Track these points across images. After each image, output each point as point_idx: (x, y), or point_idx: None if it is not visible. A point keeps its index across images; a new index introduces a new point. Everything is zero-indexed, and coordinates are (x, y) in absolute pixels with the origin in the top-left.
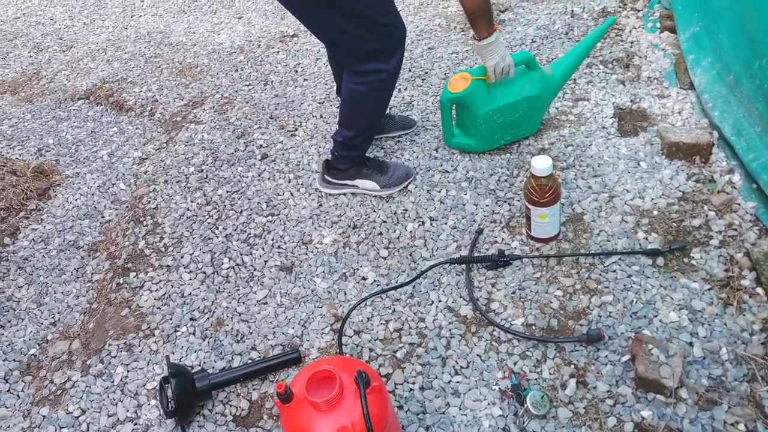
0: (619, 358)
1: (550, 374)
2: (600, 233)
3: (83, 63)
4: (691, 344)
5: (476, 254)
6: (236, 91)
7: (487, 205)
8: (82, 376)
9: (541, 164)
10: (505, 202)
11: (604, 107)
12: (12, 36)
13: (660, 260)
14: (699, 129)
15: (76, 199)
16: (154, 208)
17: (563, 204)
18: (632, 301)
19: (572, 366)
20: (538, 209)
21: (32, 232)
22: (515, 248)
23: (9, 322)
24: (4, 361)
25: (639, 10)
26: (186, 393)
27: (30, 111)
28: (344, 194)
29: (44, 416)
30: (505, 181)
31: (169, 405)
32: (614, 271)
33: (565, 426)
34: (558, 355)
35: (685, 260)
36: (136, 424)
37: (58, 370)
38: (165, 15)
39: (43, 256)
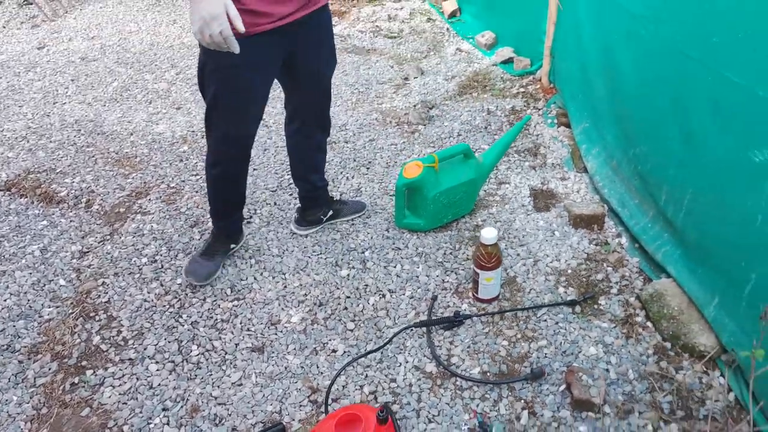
0: (558, 388)
1: (506, 410)
2: (530, 291)
3: None
4: (607, 370)
5: (434, 317)
6: (183, 181)
7: (437, 276)
8: None
9: (489, 234)
10: (452, 272)
11: (522, 189)
12: None
13: (577, 308)
14: (594, 203)
15: (5, 300)
16: (106, 302)
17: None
18: (561, 342)
19: (522, 401)
20: (485, 273)
21: None
22: (465, 309)
23: None
24: None
25: (540, 109)
26: None
27: None
28: (308, 271)
29: None
30: (450, 254)
31: None
32: (545, 320)
33: None
34: (510, 393)
35: (595, 306)
36: None
37: None
38: (94, 103)
39: None
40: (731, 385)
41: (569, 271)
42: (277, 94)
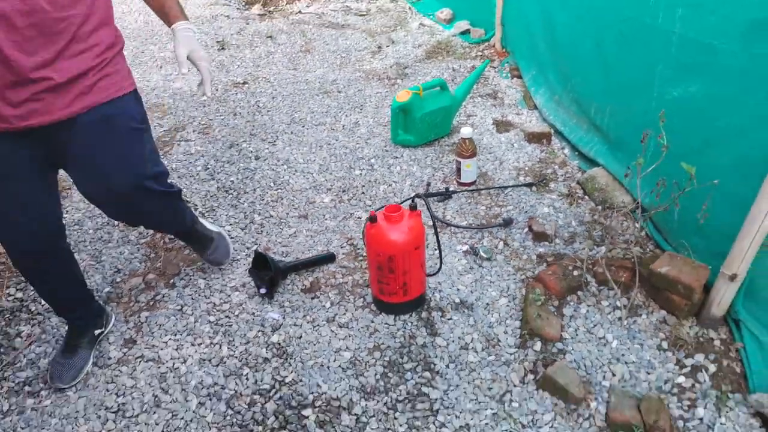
0: (523, 230)
1: (488, 243)
2: (498, 180)
3: None
4: (557, 221)
5: (431, 192)
6: (211, 119)
7: (428, 172)
8: (169, 290)
9: (467, 130)
10: (439, 170)
11: (486, 119)
12: None
13: (534, 188)
14: (543, 126)
15: None
16: None
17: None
18: (523, 206)
19: (498, 238)
20: (465, 160)
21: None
22: (452, 185)
23: None
24: None
25: (495, 68)
26: (276, 272)
27: None
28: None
29: (146, 318)
30: (436, 159)
31: (264, 281)
32: (510, 195)
33: (501, 263)
34: (489, 234)
35: (547, 187)
36: (230, 304)
37: (141, 294)
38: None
39: (82, 235)
40: (642, 225)
41: (526, 168)
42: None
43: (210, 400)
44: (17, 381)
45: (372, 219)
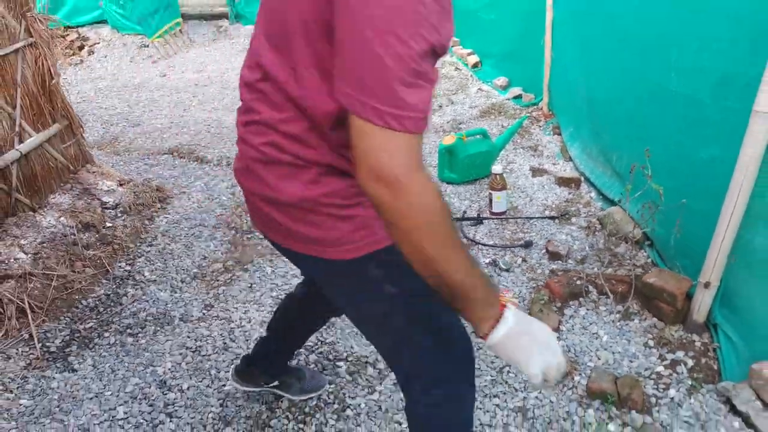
0: (540, 251)
1: (509, 259)
2: (526, 213)
3: (155, 134)
4: (572, 245)
5: (465, 217)
6: None
7: (466, 203)
8: (242, 273)
9: (497, 168)
10: (476, 202)
11: (524, 166)
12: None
13: (556, 221)
14: (574, 173)
15: (192, 203)
16: None
17: (508, 202)
18: (543, 234)
19: (518, 256)
20: (496, 192)
21: (165, 218)
22: (485, 213)
23: (171, 256)
24: (176, 274)
25: (541, 126)
26: None
27: (121, 160)
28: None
29: (222, 291)
30: (475, 194)
31: None
32: (534, 224)
33: (518, 274)
34: (511, 253)
35: (569, 220)
36: (290, 286)
37: (221, 275)
38: (213, 111)
39: (178, 231)
40: (648, 253)
41: (553, 205)
42: None
43: None
44: (122, 325)
45: None
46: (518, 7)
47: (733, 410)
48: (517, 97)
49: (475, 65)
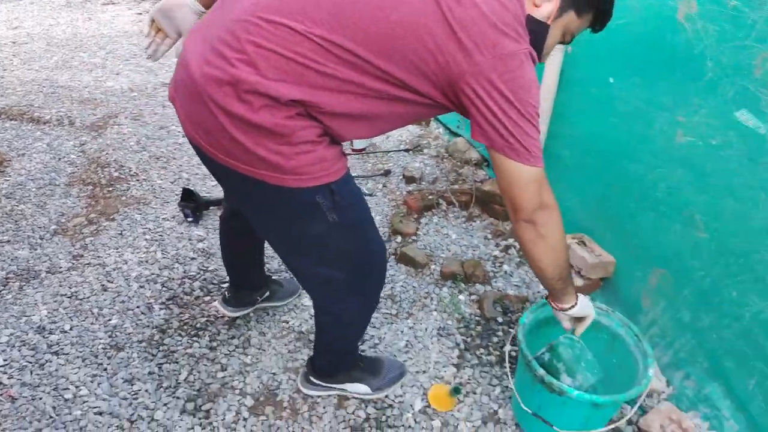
0: (399, 177)
1: (371, 186)
2: (384, 148)
3: None
4: (425, 170)
5: None
6: (141, 109)
7: None
8: (110, 222)
9: None
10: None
11: None
12: None
13: (410, 152)
14: None
15: (36, 164)
16: (114, 160)
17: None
18: (400, 163)
19: (380, 183)
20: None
21: (5, 181)
22: (347, 151)
23: (23, 216)
24: (32, 232)
25: None
26: (200, 203)
27: None
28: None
29: (90, 241)
30: None
31: (193, 210)
32: (391, 156)
33: (380, 197)
34: (373, 181)
35: (422, 152)
36: (163, 228)
37: (85, 228)
38: (42, 70)
39: (26, 192)
40: (487, 171)
41: (407, 140)
42: None
43: (148, 283)
44: None
45: None
46: None
47: None
48: None
49: None
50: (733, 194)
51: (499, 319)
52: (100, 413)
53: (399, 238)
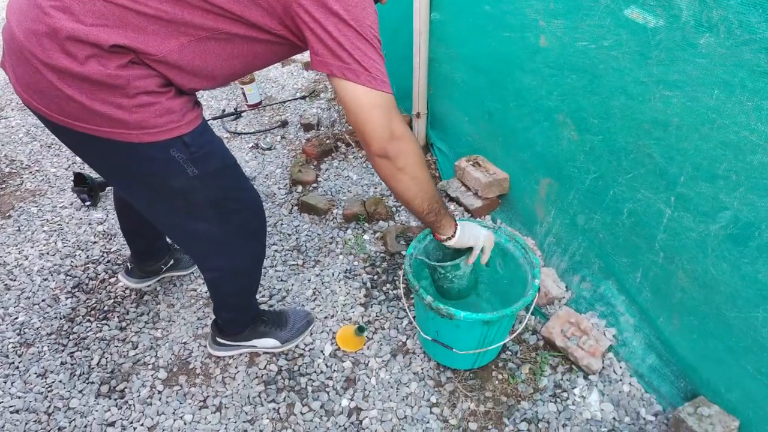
0: (297, 127)
1: (270, 140)
2: (280, 98)
3: None
4: (322, 115)
5: (225, 114)
6: None
7: (222, 102)
8: (5, 220)
9: None
10: (232, 101)
11: None
12: None
13: (306, 99)
14: None
15: None
16: (4, 155)
17: (262, 93)
18: (297, 112)
19: (278, 136)
20: (246, 86)
21: None
22: (242, 107)
23: None
24: None
25: None
26: (94, 185)
27: None
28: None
29: None
30: (229, 92)
31: (88, 193)
32: (289, 107)
33: (279, 150)
34: (271, 135)
35: (318, 97)
36: (61, 217)
37: None
38: None
39: None
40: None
41: (302, 88)
42: None
43: (51, 275)
44: None
45: None
46: None
47: (449, 198)
48: None
49: None
50: (625, 92)
51: (404, 252)
52: (17, 411)
53: (299, 188)
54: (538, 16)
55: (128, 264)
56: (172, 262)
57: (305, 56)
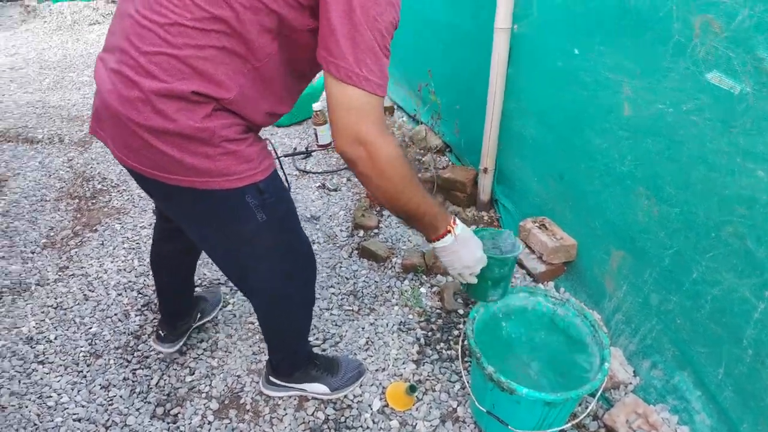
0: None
1: (336, 181)
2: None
3: None
4: None
5: (296, 152)
6: None
7: (294, 141)
8: (92, 234)
9: (317, 105)
10: (304, 140)
11: None
12: None
13: None
14: (387, 102)
15: (29, 182)
16: (97, 173)
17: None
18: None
19: (345, 178)
20: (319, 127)
21: (2, 200)
22: (313, 147)
23: (17, 232)
24: (24, 247)
25: None
26: None
27: None
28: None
29: (75, 253)
30: (302, 132)
31: None
32: None
33: (344, 192)
34: (338, 176)
35: None
36: (140, 236)
37: (71, 240)
38: (35, 92)
39: (19, 209)
40: (449, 157)
41: None
42: None
43: (125, 291)
44: None
45: None
46: None
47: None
48: None
49: None
50: (705, 161)
51: (461, 311)
52: (79, 420)
53: (361, 233)
54: (613, 74)
55: (159, 331)
56: (199, 314)
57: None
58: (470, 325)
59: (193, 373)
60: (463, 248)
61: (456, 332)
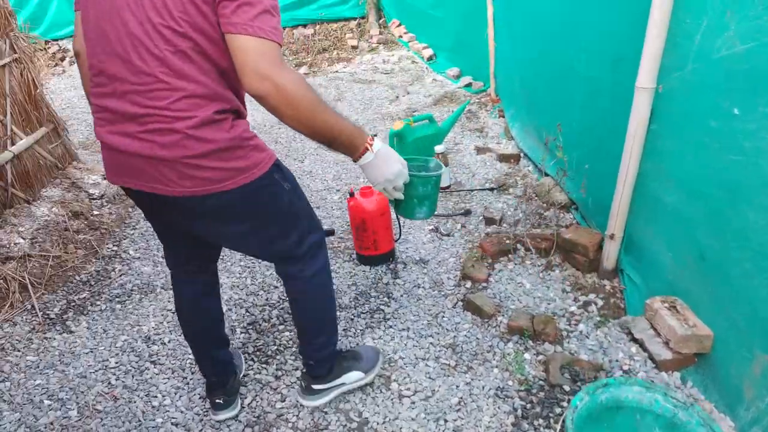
0: (479, 218)
1: (450, 226)
2: (468, 186)
3: None
4: (507, 211)
5: None
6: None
7: None
8: None
9: (439, 147)
10: None
11: (469, 146)
12: None
13: (495, 191)
14: (514, 150)
15: None
16: None
17: (452, 178)
18: (483, 203)
19: (459, 223)
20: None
21: None
22: None
23: (153, 236)
24: (157, 251)
25: (488, 110)
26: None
27: None
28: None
29: None
30: None
31: None
32: (475, 195)
33: (457, 238)
34: (452, 221)
35: (507, 191)
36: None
37: None
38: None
39: None
40: (574, 215)
41: (493, 178)
42: None
43: (235, 307)
44: (111, 294)
45: (351, 194)
46: (461, 3)
47: (632, 339)
48: (468, 85)
49: (429, 58)
50: None
51: (566, 387)
52: (176, 424)
53: (469, 284)
54: None
55: (215, 400)
56: (236, 371)
57: (501, 146)
58: (570, 414)
59: (284, 401)
60: (384, 163)
61: (558, 410)
